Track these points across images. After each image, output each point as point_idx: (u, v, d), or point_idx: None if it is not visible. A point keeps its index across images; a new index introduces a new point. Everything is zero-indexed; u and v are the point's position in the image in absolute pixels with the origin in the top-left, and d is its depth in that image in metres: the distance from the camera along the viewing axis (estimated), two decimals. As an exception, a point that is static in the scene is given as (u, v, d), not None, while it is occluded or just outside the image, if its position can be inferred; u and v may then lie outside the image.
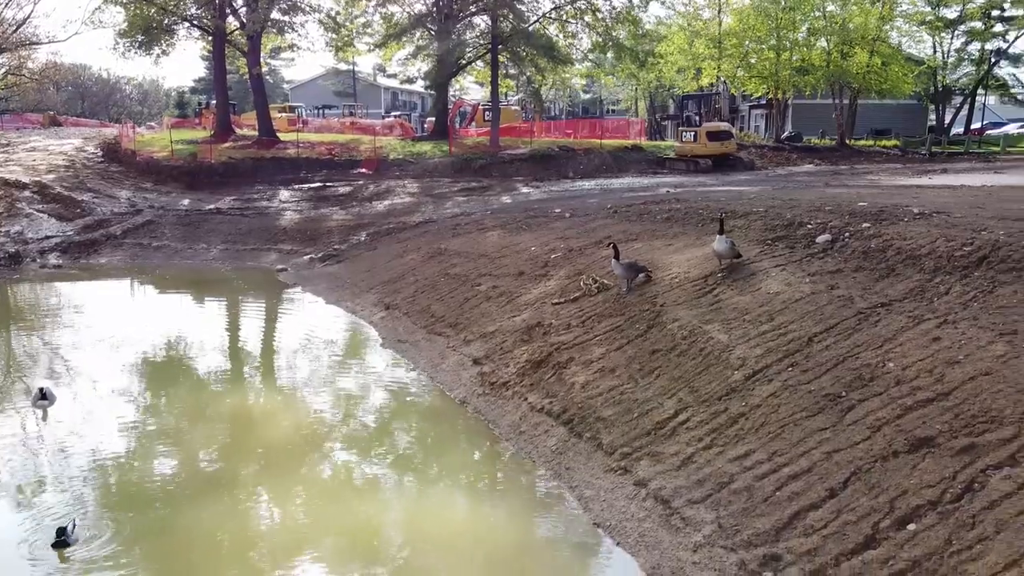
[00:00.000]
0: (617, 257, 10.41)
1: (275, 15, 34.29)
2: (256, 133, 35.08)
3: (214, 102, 41.56)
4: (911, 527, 5.04)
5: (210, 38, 35.32)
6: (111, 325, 14.59)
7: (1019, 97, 62.08)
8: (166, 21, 33.70)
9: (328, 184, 28.10)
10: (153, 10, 32.60)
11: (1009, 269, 7.66)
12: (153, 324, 14.75)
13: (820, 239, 10.10)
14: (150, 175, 28.87)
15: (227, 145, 32.61)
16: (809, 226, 10.74)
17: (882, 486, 5.45)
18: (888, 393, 6.35)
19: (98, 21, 34.89)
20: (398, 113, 66.85)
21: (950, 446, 5.52)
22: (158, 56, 34.94)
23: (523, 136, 39.78)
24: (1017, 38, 50.70)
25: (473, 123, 45.92)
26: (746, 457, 6.35)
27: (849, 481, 5.63)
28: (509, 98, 56.14)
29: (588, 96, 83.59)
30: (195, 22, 34.84)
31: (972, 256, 8.13)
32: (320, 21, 35.88)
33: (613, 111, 79.57)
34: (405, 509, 7.43)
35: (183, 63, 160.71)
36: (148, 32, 33.12)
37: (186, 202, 26.12)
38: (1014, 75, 59.42)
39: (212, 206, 25.25)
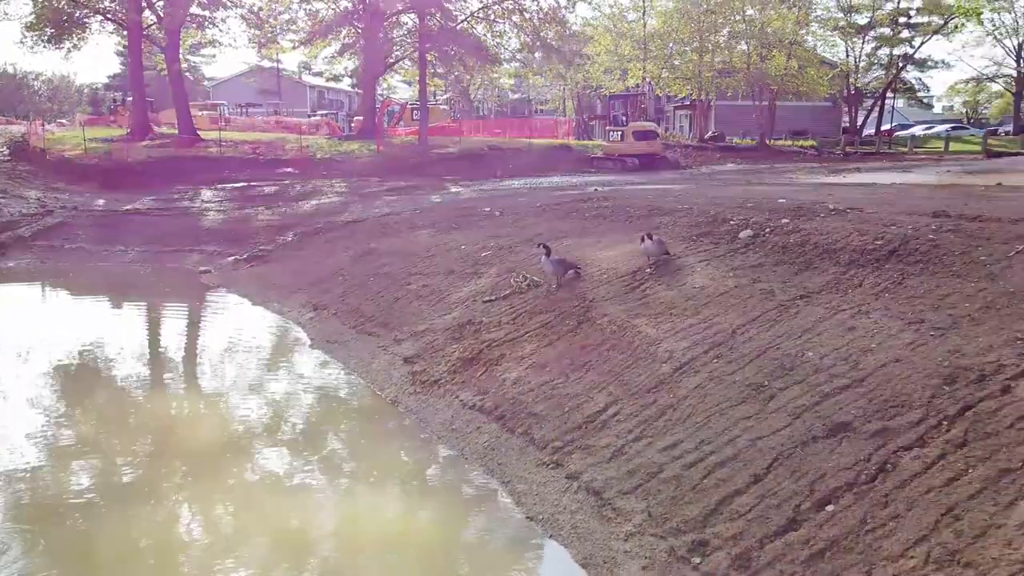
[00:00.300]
0: (548, 254, 10.50)
1: (194, 9, 33.31)
2: (176, 131, 33.99)
3: (130, 99, 40.06)
4: (829, 508, 5.25)
5: (125, 32, 34.01)
6: (19, 331, 13.88)
7: (924, 100, 65.34)
8: (77, 14, 32.30)
9: (253, 184, 27.44)
10: (63, 2, 31.20)
11: (916, 261, 8.05)
12: (66, 329, 14.11)
13: (743, 235, 10.41)
14: (62, 175, 27.64)
15: (145, 143, 31.53)
16: (732, 222, 11.05)
17: (802, 470, 5.65)
18: (807, 381, 6.59)
19: (3, 13, 33.23)
20: (324, 112, 65.81)
21: (865, 430, 5.77)
22: (69, 51, 33.56)
23: (452, 135, 39.74)
24: (922, 44, 53.48)
25: (401, 122, 45.61)
26: (675, 447, 6.49)
27: (772, 466, 5.82)
28: (438, 97, 55.92)
29: (517, 96, 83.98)
30: (109, 15, 33.50)
31: (883, 249, 8.52)
32: (242, 16, 35.06)
33: (542, 111, 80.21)
34: (336, 512, 7.31)
35: (97, 58, 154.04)
36: (58, 25, 31.72)
37: (102, 202, 25.09)
38: (920, 79, 62.60)
39: (130, 206, 24.32)
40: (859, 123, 55.75)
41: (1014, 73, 57.66)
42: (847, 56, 53.09)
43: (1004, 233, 8.27)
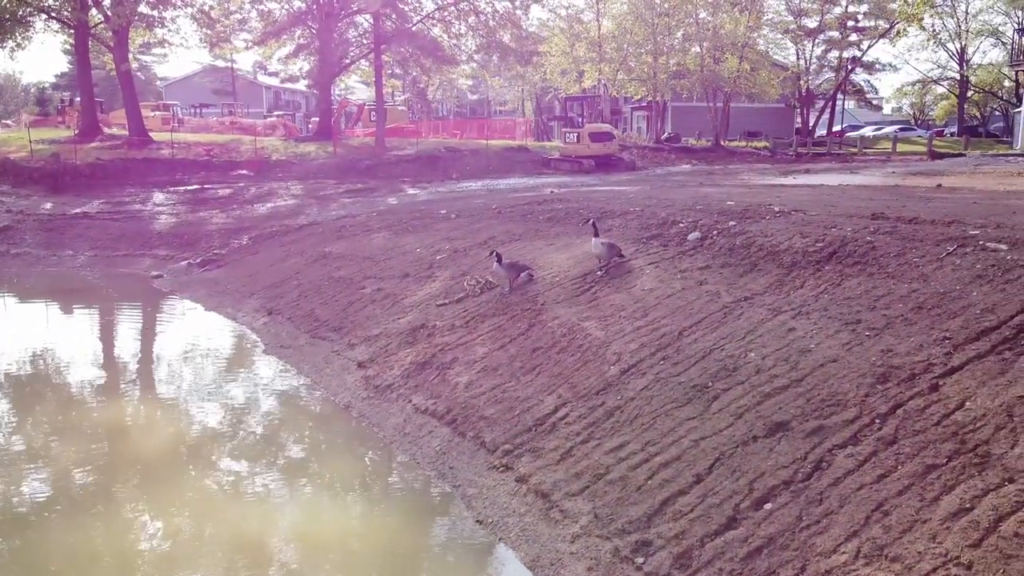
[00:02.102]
0: (500, 262, 10.55)
1: (143, 8, 32.57)
2: (126, 132, 33.26)
3: (78, 99, 39.09)
4: (767, 506, 5.41)
5: (71, 31, 33.19)
6: (-37, 340, 13.53)
7: (874, 102, 66.98)
8: (21, 12, 31.39)
9: (207, 186, 27.04)
10: (4, 1, 30.32)
11: (855, 263, 8.31)
12: (11, 336, 13.78)
13: (691, 237, 10.60)
14: (6, 177, 26.86)
15: (94, 145, 30.76)
16: (681, 224, 11.26)
17: (743, 469, 5.81)
18: (749, 382, 6.77)
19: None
20: (281, 112, 64.98)
21: (802, 429, 5.96)
22: (13, 49, 32.58)
23: (410, 137, 39.59)
24: (870, 47, 54.87)
25: (359, 123, 45.28)
26: (621, 448, 6.62)
27: (714, 466, 5.98)
28: (396, 98, 55.65)
29: (475, 97, 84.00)
30: (53, 14, 32.61)
31: (823, 251, 8.76)
32: (193, 16, 34.39)
33: (501, 112, 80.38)
34: (287, 518, 7.29)
35: (43, 57, 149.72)
36: (0, 24, 30.80)
37: (49, 206, 24.48)
38: (868, 81, 64.20)
39: (79, 210, 23.78)
40: (811, 124, 56.93)
41: (957, 76, 59.43)
42: (798, 59, 54.28)
43: (937, 235, 8.57)
